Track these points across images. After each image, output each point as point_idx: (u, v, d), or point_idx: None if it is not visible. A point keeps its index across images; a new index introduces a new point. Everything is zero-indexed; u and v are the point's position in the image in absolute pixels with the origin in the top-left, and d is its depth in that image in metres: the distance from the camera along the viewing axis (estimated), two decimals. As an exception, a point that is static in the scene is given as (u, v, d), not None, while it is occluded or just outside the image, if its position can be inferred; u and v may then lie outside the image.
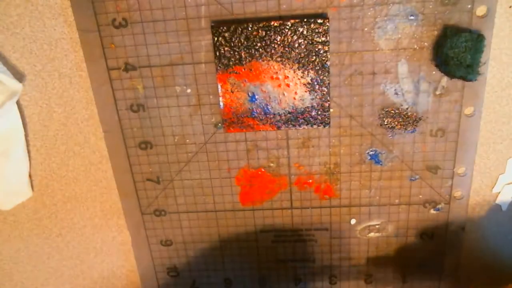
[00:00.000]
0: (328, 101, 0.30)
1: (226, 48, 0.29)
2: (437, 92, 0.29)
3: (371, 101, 0.30)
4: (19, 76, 0.32)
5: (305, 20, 0.28)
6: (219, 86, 0.30)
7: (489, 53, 0.28)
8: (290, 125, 0.31)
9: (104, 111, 0.32)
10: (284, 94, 0.30)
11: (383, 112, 0.30)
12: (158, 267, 0.38)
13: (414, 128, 0.31)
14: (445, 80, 0.29)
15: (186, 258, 0.38)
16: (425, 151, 0.31)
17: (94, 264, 0.39)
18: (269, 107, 0.30)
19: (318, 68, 0.29)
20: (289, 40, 0.28)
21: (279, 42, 0.29)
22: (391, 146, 0.31)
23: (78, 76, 0.32)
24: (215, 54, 0.29)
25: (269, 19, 0.29)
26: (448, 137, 0.31)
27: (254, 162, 0.33)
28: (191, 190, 0.35)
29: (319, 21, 0.28)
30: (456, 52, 0.27)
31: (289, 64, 0.29)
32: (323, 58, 0.29)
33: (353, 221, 0.34)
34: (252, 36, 0.29)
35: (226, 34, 0.29)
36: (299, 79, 0.29)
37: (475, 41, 0.27)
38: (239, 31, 0.28)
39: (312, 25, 0.28)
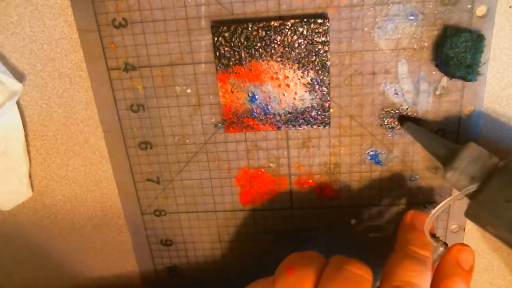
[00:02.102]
0: (328, 101, 0.30)
1: (226, 48, 0.29)
2: (437, 92, 0.30)
3: (371, 101, 0.30)
4: (19, 76, 0.32)
5: (305, 20, 0.28)
6: (219, 86, 0.30)
7: (489, 53, 0.28)
8: (290, 125, 0.31)
9: (104, 111, 0.32)
10: (284, 94, 0.30)
11: (383, 112, 0.31)
12: (158, 266, 0.38)
13: (414, 128, 0.31)
14: (445, 80, 0.29)
15: (186, 258, 0.38)
16: (425, 151, 0.31)
17: (94, 264, 0.39)
18: (269, 107, 0.30)
19: (318, 68, 0.29)
20: (289, 40, 0.28)
21: (279, 42, 0.29)
22: (391, 146, 0.31)
23: (78, 76, 0.32)
24: (215, 54, 0.29)
25: (269, 19, 0.29)
26: (448, 137, 0.31)
27: (254, 162, 0.33)
28: (191, 190, 0.35)
29: (319, 21, 0.28)
30: (456, 52, 0.27)
31: (289, 64, 0.29)
32: (323, 58, 0.29)
33: (353, 221, 0.34)
34: (252, 36, 0.29)
35: (226, 34, 0.29)
36: (299, 79, 0.29)
37: (475, 41, 0.27)
38: (239, 31, 0.28)
39: (312, 25, 0.28)
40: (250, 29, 0.28)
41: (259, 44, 0.29)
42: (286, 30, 0.28)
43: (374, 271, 0.28)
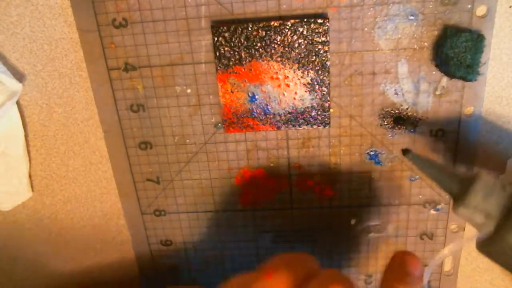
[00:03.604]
0: (328, 101, 0.30)
1: (226, 48, 0.29)
2: (437, 92, 0.30)
3: (371, 101, 0.30)
4: (19, 76, 0.32)
5: (305, 20, 0.28)
6: (219, 86, 0.30)
7: (489, 53, 0.28)
8: (290, 125, 0.31)
9: (104, 111, 0.32)
10: (284, 94, 0.30)
11: (383, 112, 0.31)
12: (158, 266, 0.38)
13: (414, 128, 0.31)
14: (445, 80, 0.29)
15: (186, 258, 0.38)
16: (425, 151, 0.31)
17: (94, 264, 0.39)
18: (269, 107, 0.30)
19: (318, 68, 0.29)
20: (289, 40, 0.28)
21: (279, 42, 0.29)
22: (391, 146, 0.31)
23: (78, 76, 0.32)
24: (215, 54, 0.29)
25: (269, 19, 0.29)
26: (448, 137, 0.31)
27: (254, 162, 0.33)
28: (191, 190, 0.35)
29: (319, 21, 0.28)
30: (456, 52, 0.27)
31: (289, 64, 0.29)
32: (323, 58, 0.29)
33: (353, 221, 0.34)
34: (252, 36, 0.29)
35: (226, 34, 0.29)
36: (299, 79, 0.29)
37: (475, 41, 0.27)
38: (239, 31, 0.28)
39: (312, 25, 0.28)
40: (250, 29, 0.28)
41: (259, 44, 0.29)
42: (286, 30, 0.28)
43: (374, 271, 0.28)
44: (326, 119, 0.30)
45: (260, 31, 0.28)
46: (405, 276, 0.24)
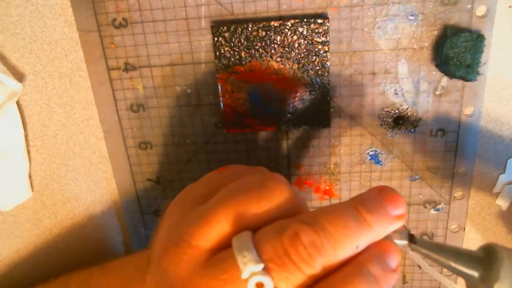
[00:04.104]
0: (328, 101, 0.30)
1: (226, 48, 0.29)
2: (437, 92, 0.30)
3: (371, 101, 0.30)
4: (19, 76, 0.32)
5: (305, 20, 0.28)
6: (219, 86, 0.30)
7: (489, 53, 0.28)
8: (290, 125, 0.31)
9: (104, 111, 0.32)
10: (284, 94, 0.30)
11: (383, 112, 0.31)
12: (158, 267, 0.38)
13: (414, 128, 0.31)
14: (445, 80, 0.29)
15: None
16: (425, 151, 0.31)
17: (94, 264, 0.39)
18: (269, 107, 0.30)
19: (318, 68, 0.29)
20: (289, 40, 0.28)
21: (279, 42, 0.29)
22: (391, 146, 0.31)
23: (78, 76, 0.32)
24: (215, 54, 0.29)
25: (269, 19, 0.29)
26: (448, 137, 0.31)
27: (254, 162, 0.33)
28: (191, 190, 0.34)
29: (319, 21, 0.28)
30: (456, 52, 0.27)
31: (289, 64, 0.29)
32: (323, 58, 0.29)
33: (353, 221, 0.34)
34: (252, 36, 0.29)
35: (226, 34, 0.29)
36: (299, 79, 0.29)
37: (475, 41, 0.27)
38: (239, 31, 0.28)
39: (312, 25, 0.28)
40: (250, 29, 0.28)
41: (259, 44, 0.29)
42: (286, 30, 0.28)
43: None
44: (326, 119, 0.30)
45: (260, 31, 0.28)
46: (373, 202, 0.18)
